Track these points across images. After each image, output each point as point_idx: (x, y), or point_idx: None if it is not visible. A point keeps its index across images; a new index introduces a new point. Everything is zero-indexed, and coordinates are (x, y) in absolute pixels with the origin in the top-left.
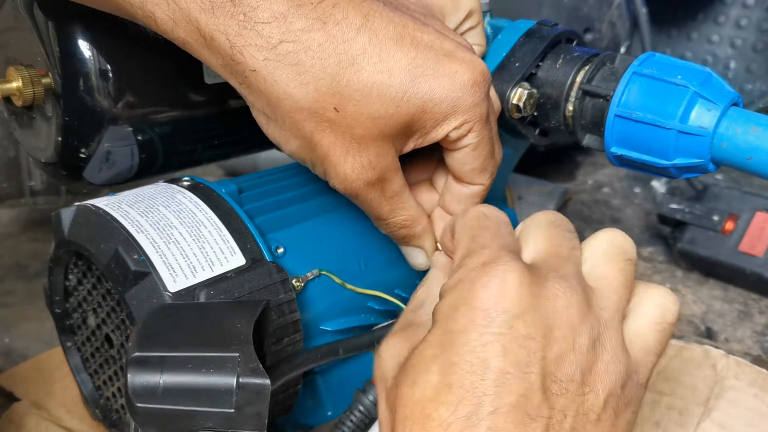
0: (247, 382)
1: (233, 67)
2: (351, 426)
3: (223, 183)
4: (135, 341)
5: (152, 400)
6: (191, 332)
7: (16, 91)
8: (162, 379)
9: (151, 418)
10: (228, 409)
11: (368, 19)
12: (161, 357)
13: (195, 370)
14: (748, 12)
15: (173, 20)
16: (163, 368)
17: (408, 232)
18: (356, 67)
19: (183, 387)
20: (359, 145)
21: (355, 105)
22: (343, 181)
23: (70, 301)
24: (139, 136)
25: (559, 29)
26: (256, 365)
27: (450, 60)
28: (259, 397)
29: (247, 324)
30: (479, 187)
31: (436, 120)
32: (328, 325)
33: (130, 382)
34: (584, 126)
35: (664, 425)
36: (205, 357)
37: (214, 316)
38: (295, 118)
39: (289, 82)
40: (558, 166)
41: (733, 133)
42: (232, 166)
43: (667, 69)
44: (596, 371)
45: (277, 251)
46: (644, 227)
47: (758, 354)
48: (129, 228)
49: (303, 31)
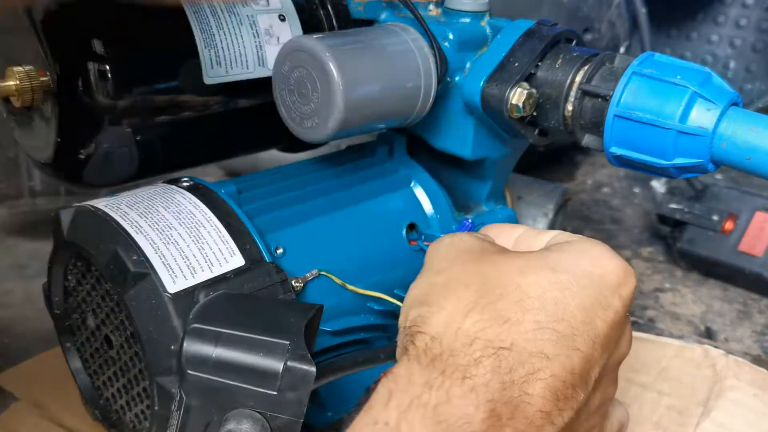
0: (294, 366)
1: None
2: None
3: (223, 183)
4: (195, 314)
5: (202, 370)
6: (248, 317)
7: (15, 91)
8: (215, 352)
9: (197, 387)
10: (271, 390)
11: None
12: (217, 332)
13: (247, 349)
14: (747, 12)
15: None
16: (217, 342)
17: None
18: None
19: (233, 362)
20: None
21: None
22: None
23: (69, 301)
24: (138, 136)
25: (558, 29)
26: (305, 353)
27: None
28: (303, 383)
29: (300, 320)
30: None
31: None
32: (327, 325)
33: (185, 350)
34: (583, 126)
35: (664, 425)
36: (258, 339)
37: (270, 308)
38: None
39: None
40: (557, 166)
41: (733, 133)
42: (232, 166)
43: (666, 69)
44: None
45: (277, 252)
46: (644, 227)
47: (758, 354)
48: (128, 229)
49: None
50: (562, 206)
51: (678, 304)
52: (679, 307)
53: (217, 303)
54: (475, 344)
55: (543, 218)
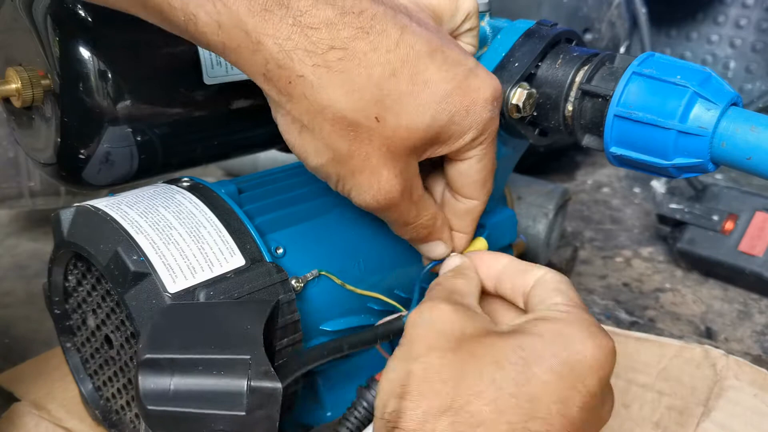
0: (259, 385)
1: (277, 74)
2: (355, 422)
3: (223, 183)
4: (145, 342)
5: (163, 403)
6: (200, 333)
7: (15, 92)
8: (173, 382)
9: (162, 421)
10: (239, 412)
11: (404, 32)
12: (171, 359)
13: (206, 372)
14: (747, 12)
15: (218, 23)
16: (173, 371)
17: (431, 229)
18: (397, 79)
19: (194, 390)
20: (393, 157)
21: (395, 115)
22: (377, 193)
23: (69, 301)
24: (138, 136)
25: (558, 29)
26: (267, 368)
27: (474, 77)
28: (271, 401)
29: (256, 325)
30: (476, 203)
31: (462, 132)
32: (327, 325)
33: (141, 385)
34: (583, 126)
35: (664, 425)
36: (216, 359)
37: (222, 316)
38: (336, 127)
39: (336, 90)
40: (557, 166)
41: (733, 132)
42: (232, 166)
43: (666, 69)
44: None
45: (277, 252)
46: (644, 227)
47: (758, 353)
48: (128, 229)
49: (350, 39)
50: (562, 206)
51: (678, 304)
52: (679, 307)
53: (165, 323)
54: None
55: (543, 218)
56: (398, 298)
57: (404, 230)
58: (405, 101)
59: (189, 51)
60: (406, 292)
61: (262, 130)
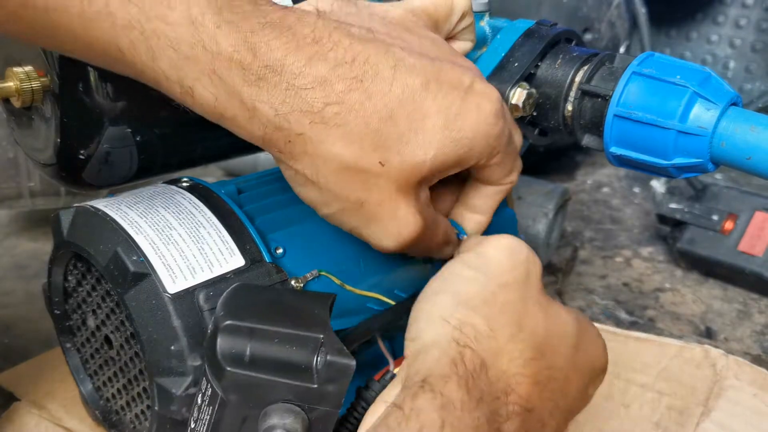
0: (335, 360)
1: (275, 136)
2: (355, 423)
3: (223, 184)
4: (225, 311)
5: (240, 366)
6: (273, 311)
7: (14, 91)
8: (250, 348)
9: (236, 384)
10: (311, 384)
11: (397, 69)
12: (251, 328)
13: (281, 344)
14: (747, 12)
15: (215, 95)
16: (252, 338)
17: (444, 243)
18: (394, 121)
19: (269, 358)
20: (405, 195)
21: (398, 155)
22: (397, 236)
23: (69, 302)
24: (138, 136)
25: (558, 29)
26: (341, 346)
27: (472, 95)
28: (343, 376)
29: (323, 311)
30: (508, 186)
31: (469, 157)
32: None
33: (220, 347)
34: (583, 126)
35: (664, 425)
36: (291, 334)
37: (290, 300)
38: (340, 178)
39: (336, 142)
40: (557, 166)
41: (733, 132)
42: (232, 166)
43: (666, 69)
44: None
45: (277, 252)
46: (644, 227)
47: (758, 353)
48: (128, 229)
49: (344, 93)
50: (562, 206)
51: (678, 304)
52: (679, 307)
53: (239, 297)
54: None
55: (543, 218)
56: (398, 298)
57: (424, 254)
58: (406, 140)
59: None
60: (406, 292)
61: None
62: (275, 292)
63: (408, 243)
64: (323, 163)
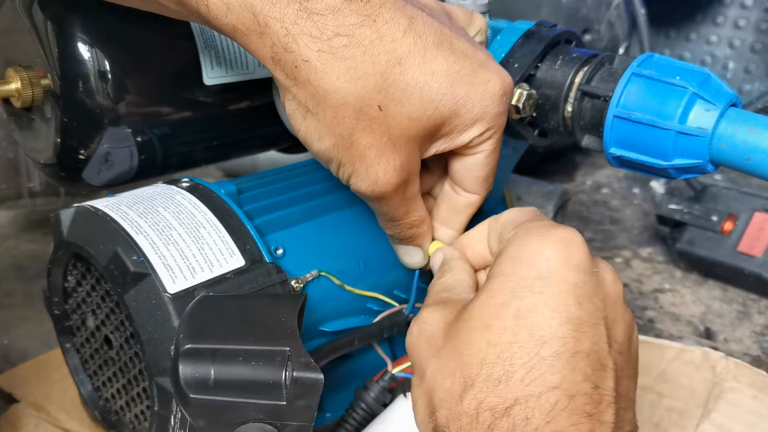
0: (301, 376)
1: (283, 57)
2: (354, 424)
3: (223, 184)
4: (186, 333)
5: (204, 392)
6: (237, 325)
7: (15, 92)
8: (213, 371)
9: (203, 410)
10: (279, 401)
11: (413, 21)
12: (213, 349)
13: (245, 362)
14: (746, 13)
15: (227, 5)
16: (214, 360)
17: (415, 231)
18: (402, 67)
19: (234, 379)
20: (394, 147)
21: (398, 104)
22: (373, 183)
23: (69, 302)
24: (138, 137)
25: (557, 30)
26: (307, 359)
27: (483, 69)
28: (312, 391)
29: (291, 317)
30: (476, 197)
31: (466, 125)
32: (327, 326)
33: (182, 374)
34: (583, 127)
35: (664, 426)
36: (256, 350)
37: (255, 308)
38: (339, 114)
39: (340, 76)
40: (557, 167)
41: (732, 133)
42: (232, 167)
43: (665, 70)
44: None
45: (277, 252)
46: (643, 228)
47: (757, 354)
48: (128, 229)
49: (356, 26)
50: (562, 207)
51: (677, 304)
52: (678, 308)
53: (201, 314)
54: (481, 416)
55: None
56: (398, 298)
57: (390, 225)
58: (409, 91)
59: (189, 52)
60: (406, 292)
61: (262, 131)
62: (240, 301)
63: (380, 194)
64: (324, 95)
